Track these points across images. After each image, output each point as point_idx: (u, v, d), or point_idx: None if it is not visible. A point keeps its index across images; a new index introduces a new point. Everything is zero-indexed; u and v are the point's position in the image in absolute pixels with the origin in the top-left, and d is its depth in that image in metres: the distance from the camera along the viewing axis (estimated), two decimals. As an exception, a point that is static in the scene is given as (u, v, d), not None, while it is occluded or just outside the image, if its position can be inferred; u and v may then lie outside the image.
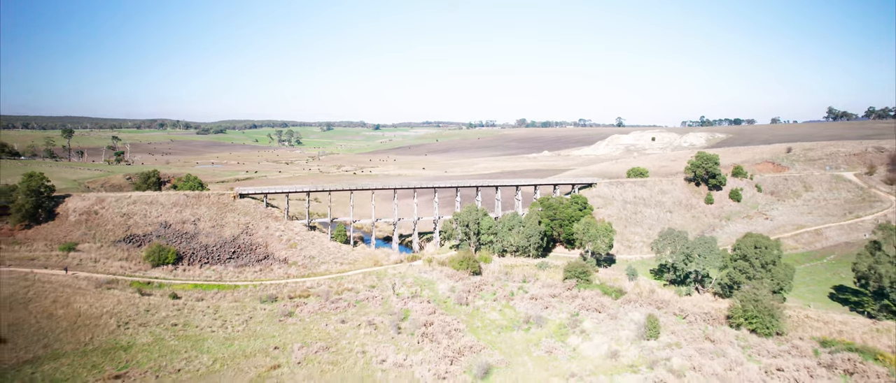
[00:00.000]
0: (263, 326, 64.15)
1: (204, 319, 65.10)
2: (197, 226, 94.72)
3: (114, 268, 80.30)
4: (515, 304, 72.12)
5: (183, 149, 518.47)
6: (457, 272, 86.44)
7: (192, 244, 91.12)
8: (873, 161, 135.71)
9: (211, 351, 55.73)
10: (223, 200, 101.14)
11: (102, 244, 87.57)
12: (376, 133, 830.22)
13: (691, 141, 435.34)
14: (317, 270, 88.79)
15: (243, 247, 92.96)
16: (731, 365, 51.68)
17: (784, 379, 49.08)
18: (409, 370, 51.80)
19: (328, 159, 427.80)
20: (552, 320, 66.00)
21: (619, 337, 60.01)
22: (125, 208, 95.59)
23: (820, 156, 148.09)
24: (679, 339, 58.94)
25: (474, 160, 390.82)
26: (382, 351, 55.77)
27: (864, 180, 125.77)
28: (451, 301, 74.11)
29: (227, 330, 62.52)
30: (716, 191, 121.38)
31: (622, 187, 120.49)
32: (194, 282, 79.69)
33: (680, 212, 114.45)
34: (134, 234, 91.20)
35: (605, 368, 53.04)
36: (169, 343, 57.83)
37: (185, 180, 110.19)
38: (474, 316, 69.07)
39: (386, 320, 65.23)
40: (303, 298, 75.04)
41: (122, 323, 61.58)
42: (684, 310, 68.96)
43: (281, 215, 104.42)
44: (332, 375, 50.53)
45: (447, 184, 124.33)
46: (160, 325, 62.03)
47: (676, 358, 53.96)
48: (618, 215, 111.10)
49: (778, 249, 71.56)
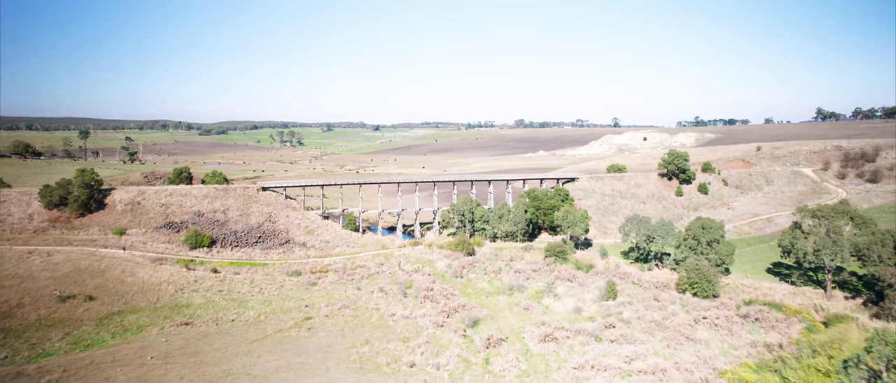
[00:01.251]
0: (293, 292, 77.55)
1: (243, 287, 78.50)
2: (226, 214, 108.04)
3: (159, 249, 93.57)
4: (502, 276, 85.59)
5: (188, 149, 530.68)
6: (453, 253, 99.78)
7: (223, 230, 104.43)
8: (829, 158, 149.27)
9: (254, 308, 69.16)
10: (248, 192, 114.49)
11: (147, 229, 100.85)
12: (376, 134, 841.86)
13: (681, 140, 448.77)
14: (332, 252, 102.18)
15: (267, 232, 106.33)
16: (667, 316, 65.22)
17: (706, 324, 62.71)
18: (414, 321, 65.18)
19: (330, 159, 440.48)
20: (531, 287, 79.49)
21: (584, 299, 73.54)
22: (163, 199, 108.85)
23: (785, 153, 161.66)
24: (632, 300, 72.40)
25: (472, 159, 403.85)
26: (392, 308, 69.19)
27: (819, 175, 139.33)
28: (448, 274, 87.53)
29: (263, 294, 75.91)
30: (686, 185, 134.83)
31: (601, 181, 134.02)
32: (229, 260, 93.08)
33: (652, 203, 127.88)
34: (172, 221, 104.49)
35: (569, 319, 66.48)
36: (219, 303, 71.24)
37: (212, 176, 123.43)
38: (467, 285, 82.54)
39: (394, 288, 78.60)
40: (323, 272, 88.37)
41: (178, 289, 74.98)
42: (642, 280, 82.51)
43: (298, 206, 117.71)
44: (353, 324, 63.90)
45: (445, 179, 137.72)
46: (209, 291, 75.42)
47: (627, 311, 67.50)
48: (596, 206, 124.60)
49: (721, 231, 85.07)
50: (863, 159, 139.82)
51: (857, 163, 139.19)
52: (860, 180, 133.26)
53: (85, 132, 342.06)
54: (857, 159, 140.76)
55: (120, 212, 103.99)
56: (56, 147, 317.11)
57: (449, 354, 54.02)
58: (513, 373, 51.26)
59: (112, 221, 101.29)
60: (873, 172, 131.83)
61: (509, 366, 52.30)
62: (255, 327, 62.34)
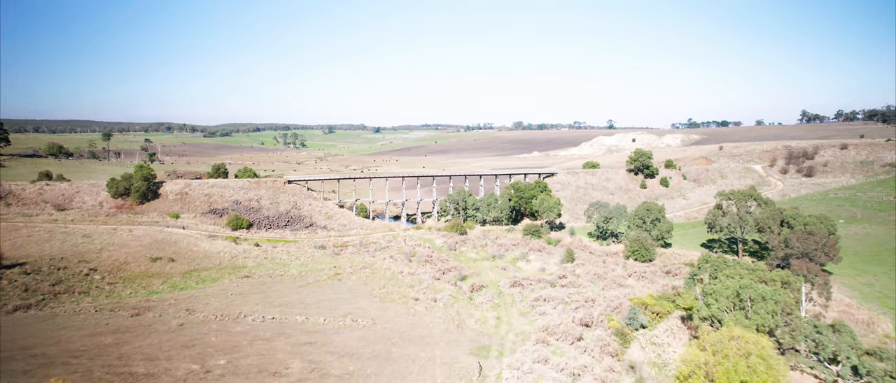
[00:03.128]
0: (322, 259, 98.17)
1: (282, 256, 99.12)
2: (259, 202, 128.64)
3: (209, 229, 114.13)
4: (487, 249, 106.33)
5: (195, 150, 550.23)
6: (449, 233, 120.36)
7: (258, 215, 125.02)
8: (777, 156, 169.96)
9: (295, 268, 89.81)
10: (276, 185, 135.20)
11: (195, 214, 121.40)
12: (377, 135, 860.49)
13: (668, 142, 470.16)
14: (348, 233, 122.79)
15: (294, 217, 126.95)
16: (608, 271, 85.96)
17: (636, 276, 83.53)
18: (417, 276, 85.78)
19: (334, 160, 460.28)
20: (509, 256, 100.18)
21: (548, 262, 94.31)
22: (206, 190, 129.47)
23: (741, 152, 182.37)
24: (585, 263, 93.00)
25: (470, 160, 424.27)
26: (400, 268, 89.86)
27: (766, 170, 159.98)
28: (444, 248, 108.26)
29: (299, 260, 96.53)
30: (650, 179, 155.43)
31: (576, 176, 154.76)
32: (266, 238, 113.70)
33: (619, 194, 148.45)
34: (215, 208, 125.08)
35: (534, 275, 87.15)
36: (267, 265, 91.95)
37: (244, 171, 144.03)
38: (459, 255, 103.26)
39: (401, 256, 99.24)
40: (343, 247, 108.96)
41: (232, 256, 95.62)
42: (597, 251, 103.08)
43: (318, 197, 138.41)
44: (371, 277, 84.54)
45: (443, 174, 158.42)
46: (256, 258, 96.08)
47: (579, 269, 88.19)
48: (571, 196, 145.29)
49: (662, 213, 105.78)
50: (803, 157, 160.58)
51: (798, 160, 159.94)
52: (798, 175, 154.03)
53: (107, 135, 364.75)
54: (799, 157, 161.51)
55: (172, 201, 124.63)
56: (82, 148, 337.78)
57: (443, 294, 74.73)
58: (489, 304, 71.92)
59: (166, 208, 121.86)
60: (809, 168, 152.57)
61: (486, 301, 72.98)
62: (299, 279, 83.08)
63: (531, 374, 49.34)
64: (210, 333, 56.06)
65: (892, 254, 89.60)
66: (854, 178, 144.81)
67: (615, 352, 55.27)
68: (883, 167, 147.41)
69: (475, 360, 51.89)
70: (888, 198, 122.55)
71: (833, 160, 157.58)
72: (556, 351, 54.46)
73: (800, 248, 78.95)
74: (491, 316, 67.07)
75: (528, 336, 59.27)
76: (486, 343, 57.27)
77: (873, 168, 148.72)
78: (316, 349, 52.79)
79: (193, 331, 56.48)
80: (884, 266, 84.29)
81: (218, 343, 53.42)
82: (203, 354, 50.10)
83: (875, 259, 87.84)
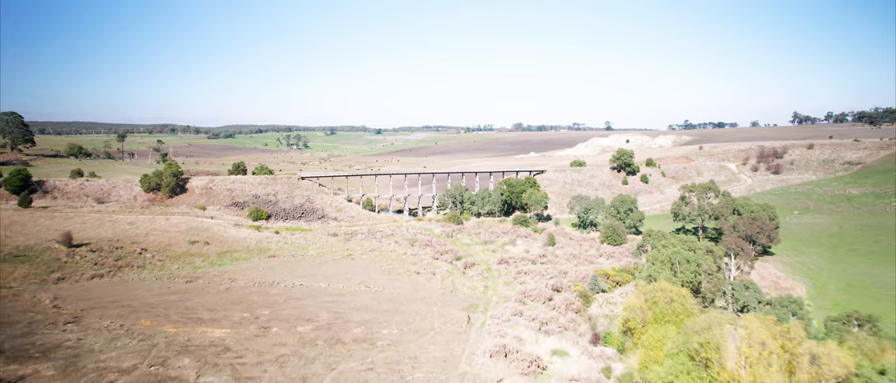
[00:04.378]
0: (335, 243, 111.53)
1: (300, 241, 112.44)
2: (276, 197, 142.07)
3: (233, 219, 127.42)
4: (480, 236, 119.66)
5: (202, 151, 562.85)
6: (447, 224, 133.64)
7: (275, 208, 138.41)
8: (750, 155, 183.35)
9: (313, 251, 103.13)
10: (291, 181, 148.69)
11: (219, 207, 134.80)
12: (378, 137, 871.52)
13: (660, 143, 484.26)
14: (357, 223, 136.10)
15: (308, 210, 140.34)
16: (582, 252, 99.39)
17: (606, 256, 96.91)
18: (418, 256, 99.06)
19: (338, 160, 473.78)
20: (499, 241, 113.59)
21: (532, 245, 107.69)
22: (228, 185, 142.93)
23: (719, 152, 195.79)
24: (565, 246, 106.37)
25: (469, 160, 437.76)
26: (404, 250, 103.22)
27: (739, 168, 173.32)
28: (442, 235, 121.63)
29: (316, 245, 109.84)
30: (631, 176, 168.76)
31: (564, 173, 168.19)
32: (284, 227, 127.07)
33: (603, 190, 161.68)
34: (237, 201, 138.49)
35: (520, 255, 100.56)
36: (288, 248, 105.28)
37: (260, 169, 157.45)
38: (455, 241, 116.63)
39: (404, 241, 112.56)
40: (353, 234, 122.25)
41: (257, 241, 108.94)
42: (577, 237, 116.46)
43: (328, 192, 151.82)
44: (379, 258, 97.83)
45: (442, 171, 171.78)
46: (278, 242, 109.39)
47: (558, 251, 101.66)
48: (559, 191, 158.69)
49: (634, 204, 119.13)
50: (773, 156, 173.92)
51: (768, 159, 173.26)
52: (767, 172, 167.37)
53: (121, 136, 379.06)
54: (769, 156, 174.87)
55: (198, 195, 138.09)
56: (98, 149, 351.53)
57: (441, 269, 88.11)
58: (479, 277, 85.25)
59: (193, 201, 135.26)
60: (777, 166, 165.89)
61: (477, 274, 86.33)
62: (317, 258, 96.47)
63: (509, 323, 62.65)
64: (252, 294, 69.56)
65: (829, 238, 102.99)
66: (815, 175, 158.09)
67: (578, 309, 68.65)
68: (842, 165, 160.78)
69: (465, 314, 65.25)
70: (839, 192, 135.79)
71: (799, 159, 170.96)
72: (530, 308, 67.84)
73: (745, 232, 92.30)
74: (480, 285, 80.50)
75: (509, 298, 72.61)
76: (475, 302, 70.66)
77: (833, 166, 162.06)
78: (338, 305, 66.21)
79: (238, 293, 69.95)
80: (819, 248, 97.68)
81: (260, 301, 66.88)
82: (250, 307, 63.58)
83: (814, 243, 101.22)
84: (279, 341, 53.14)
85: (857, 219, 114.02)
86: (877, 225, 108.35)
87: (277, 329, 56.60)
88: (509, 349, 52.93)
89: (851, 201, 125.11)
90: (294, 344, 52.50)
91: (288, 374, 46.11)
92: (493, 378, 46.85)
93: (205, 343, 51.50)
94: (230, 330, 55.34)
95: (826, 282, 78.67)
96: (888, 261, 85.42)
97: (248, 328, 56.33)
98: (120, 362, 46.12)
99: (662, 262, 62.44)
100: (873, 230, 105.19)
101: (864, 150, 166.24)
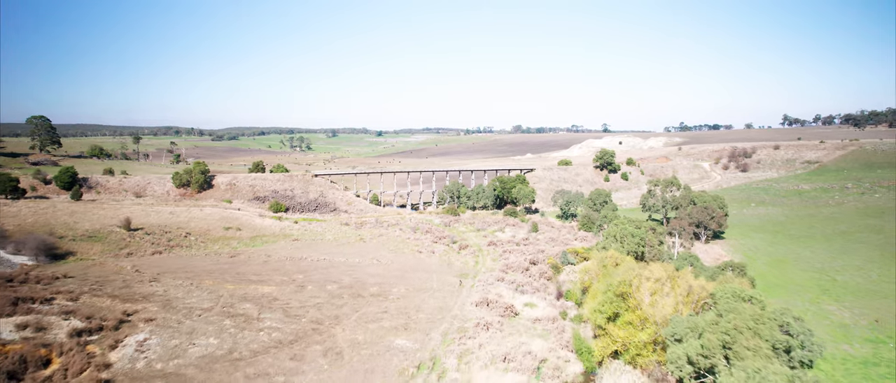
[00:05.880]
0: (348, 231, 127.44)
1: (318, 228, 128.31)
2: (293, 192, 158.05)
3: (257, 211, 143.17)
4: (473, 225, 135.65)
5: (210, 153, 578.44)
6: (445, 215, 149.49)
7: (292, 202, 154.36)
8: (722, 155, 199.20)
9: (329, 236, 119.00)
10: (306, 178, 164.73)
11: (243, 201, 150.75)
12: (379, 139, 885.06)
13: (651, 144, 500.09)
14: (365, 215, 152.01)
15: (321, 203, 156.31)
16: (560, 237, 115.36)
17: (580, 238, 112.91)
18: (420, 240, 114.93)
19: (341, 162, 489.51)
20: (490, 229, 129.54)
21: (519, 232, 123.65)
22: (250, 182, 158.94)
23: (695, 152, 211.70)
24: (546, 232, 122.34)
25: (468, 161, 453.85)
26: (407, 236, 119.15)
27: (711, 167, 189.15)
28: (440, 225, 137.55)
29: (331, 232, 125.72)
30: (612, 174, 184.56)
31: (551, 171, 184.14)
32: (302, 218, 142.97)
33: (586, 186, 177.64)
34: (258, 196, 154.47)
35: (507, 239, 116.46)
36: (308, 235, 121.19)
37: (277, 167, 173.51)
38: (452, 229, 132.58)
39: (407, 229, 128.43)
40: (362, 224, 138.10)
41: (280, 229, 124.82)
42: (557, 225, 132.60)
43: (339, 188, 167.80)
44: (386, 242, 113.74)
45: (442, 169, 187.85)
46: (298, 230, 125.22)
47: (540, 236, 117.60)
48: (546, 187, 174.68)
49: (609, 197, 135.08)
50: (743, 156, 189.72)
51: (738, 158, 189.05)
52: (736, 170, 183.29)
53: (137, 138, 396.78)
54: (739, 156, 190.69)
55: (223, 190, 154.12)
56: (115, 151, 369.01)
57: (439, 249, 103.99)
58: (471, 255, 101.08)
59: (219, 195, 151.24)
60: (744, 165, 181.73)
61: (469, 253, 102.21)
62: (334, 242, 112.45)
63: (492, 285, 78.51)
64: (286, 264, 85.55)
65: (773, 226, 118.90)
66: (777, 173, 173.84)
67: (549, 277, 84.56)
68: (802, 164, 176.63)
69: (458, 279, 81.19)
70: (793, 188, 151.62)
71: (765, 158, 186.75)
72: (511, 276, 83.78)
73: (698, 218, 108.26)
74: (471, 260, 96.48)
75: (494, 269, 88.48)
76: (466, 272, 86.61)
77: (794, 165, 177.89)
78: (356, 273, 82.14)
79: (275, 264, 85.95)
80: (763, 233, 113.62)
81: (293, 269, 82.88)
82: (286, 273, 79.53)
83: (760, 229, 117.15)
84: (313, 295, 69.22)
85: (802, 210, 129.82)
86: (817, 215, 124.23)
87: (311, 287, 72.65)
88: (491, 301, 68.97)
89: (802, 195, 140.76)
90: (325, 297, 68.56)
91: (324, 313, 62.24)
92: (476, 318, 62.83)
93: (258, 295, 67.61)
94: (275, 288, 71.41)
95: (758, 257, 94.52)
96: (814, 243, 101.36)
97: (289, 287, 72.35)
98: (200, 303, 62.27)
99: (614, 236, 78.42)
100: (812, 219, 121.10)
101: (822, 151, 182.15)
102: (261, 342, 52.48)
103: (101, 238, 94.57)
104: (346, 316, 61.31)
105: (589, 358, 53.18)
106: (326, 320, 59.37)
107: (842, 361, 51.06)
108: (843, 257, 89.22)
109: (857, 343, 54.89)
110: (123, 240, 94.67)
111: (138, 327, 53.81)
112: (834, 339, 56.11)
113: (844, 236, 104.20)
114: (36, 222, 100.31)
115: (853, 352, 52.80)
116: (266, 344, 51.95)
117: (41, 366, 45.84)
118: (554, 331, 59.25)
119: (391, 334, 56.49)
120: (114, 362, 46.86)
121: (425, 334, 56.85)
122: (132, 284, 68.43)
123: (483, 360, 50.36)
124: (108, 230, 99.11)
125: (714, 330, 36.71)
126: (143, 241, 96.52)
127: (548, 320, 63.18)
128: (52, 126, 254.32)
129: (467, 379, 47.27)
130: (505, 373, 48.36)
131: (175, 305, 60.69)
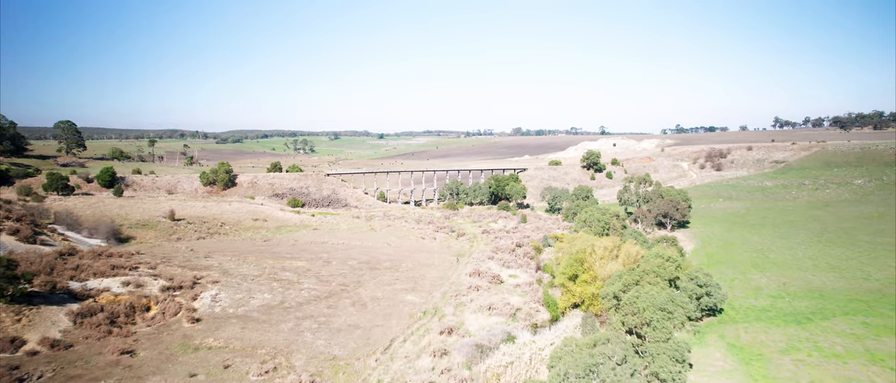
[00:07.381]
0: (359, 223, 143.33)
1: (333, 221, 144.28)
2: (307, 189, 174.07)
3: (277, 206, 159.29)
4: (470, 217, 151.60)
5: (216, 156, 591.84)
6: (445, 210, 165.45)
7: (307, 198, 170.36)
8: (700, 156, 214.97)
9: (344, 227, 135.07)
10: (319, 177, 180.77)
11: (264, 197, 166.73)
12: (381, 142, 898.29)
13: (644, 146, 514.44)
14: (374, 210, 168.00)
15: (333, 199, 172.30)
16: (545, 225, 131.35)
17: (562, 227, 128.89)
18: (423, 230, 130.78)
19: (345, 163, 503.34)
20: (484, 221, 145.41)
21: (509, 223, 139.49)
22: (269, 180, 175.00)
23: (677, 153, 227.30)
24: (534, 222, 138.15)
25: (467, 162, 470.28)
26: (412, 226, 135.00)
27: (689, 166, 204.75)
28: (441, 218, 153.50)
29: (345, 224, 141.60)
30: (598, 173, 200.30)
31: (542, 171, 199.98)
32: (316, 212, 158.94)
33: (573, 184, 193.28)
34: (277, 193, 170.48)
35: (499, 228, 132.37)
36: (325, 225, 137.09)
37: (292, 168, 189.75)
38: (452, 221, 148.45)
39: (412, 221, 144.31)
40: (372, 217, 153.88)
41: (300, 221, 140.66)
42: (544, 217, 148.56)
43: (349, 186, 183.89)
44: (393, 231, 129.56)
45: (442, 169, 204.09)
46: (316, 222, 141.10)
47: (528, 225, 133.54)
48: (537, 185, 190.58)
49: (591, 193, 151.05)
50: (719, 156, 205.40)
51: (714, 158, 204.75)
52: (711, 169, 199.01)
53: (152, 141, 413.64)
54: (715, 156, 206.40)
55: (245, 188, 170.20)
56: (133, 153, 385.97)
57: (440, 237, 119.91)
58: (467, 241, 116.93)
59: (242, 192, 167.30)
60: (719, 164, 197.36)
61: (465, 239, 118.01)
62: (348, 231, 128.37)
63: (483, 262, 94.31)
64: (312, 246, 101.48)
65: (733, 217, 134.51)
66: (748, 172, 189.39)
67: (532, 256, 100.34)
68: (770, 163, 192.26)
69: (455, 257, 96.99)
70: (758, 185, 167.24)
71: (738, 158, 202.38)
72: (499, 255, 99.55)
73: (665, 210, 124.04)
74: (467, 245, 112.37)
75: (485, 251, 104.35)
76: (462, 253, 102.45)
77: (763, 164, 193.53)
78: (371, 253, 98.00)
79: (302, 246, 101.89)
80: (723, 223, 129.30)
81: (318, 250, 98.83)
82: (313, 252, 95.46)
83: (721, 220, 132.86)
84: (338, 268, 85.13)
85: (762, 203, 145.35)
86: (773, 208, 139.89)
87: (335, 263, 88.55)
88: (481, 272, 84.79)
89: (764, 191, 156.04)
90: (348, 269, 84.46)
91: (349, 279, 78.19)
92: (469, 283, 78.62)
93: (293, 267, 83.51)
94: (306, 263, 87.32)
95: (712, 241, 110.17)
96: (763, 231, 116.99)
97: (317, 262, 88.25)
98: (250, 272, 78.23)
99: (584, 221, 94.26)
100: (768, 211, 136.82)
101: (789, 151, 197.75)
102: (303, 297, 68.35)
103: (152, 226, 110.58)
104: (366, 282, 77.15)
105: (555, 309, 68.92)
106: (351, 284, 75.24)
107: (746, 310, 66.89)
108: (782, 241, 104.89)
109: (762, 298, 70.65)
110: (171, 228, 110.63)
111: (207, 287, 69.64)
112: (746, 297, 71.86)
113: (790, 225, 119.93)
114: (93, 214, 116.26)
115: (756, 304, 68.62)
116: (307, 298, 67.83)
117: (144, 311, 61.71)
118: (530, 292, 75.02)
119: (402, 293, 72.35)
120: (198, 308, 62.70)
121: (429, 293, 72.73)
122: (191, 259, 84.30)
123: (473, 308, 66.25)
124: (156, 220, 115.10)
125: (631, 274, 52.57)
126: (187, 229, 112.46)
127: (526, 285, 78.93)
128: (78, 130, 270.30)
129: (461, 319, 63.08)
130: (489, 316, 64.20)
131: (231, 273, 76.62)
